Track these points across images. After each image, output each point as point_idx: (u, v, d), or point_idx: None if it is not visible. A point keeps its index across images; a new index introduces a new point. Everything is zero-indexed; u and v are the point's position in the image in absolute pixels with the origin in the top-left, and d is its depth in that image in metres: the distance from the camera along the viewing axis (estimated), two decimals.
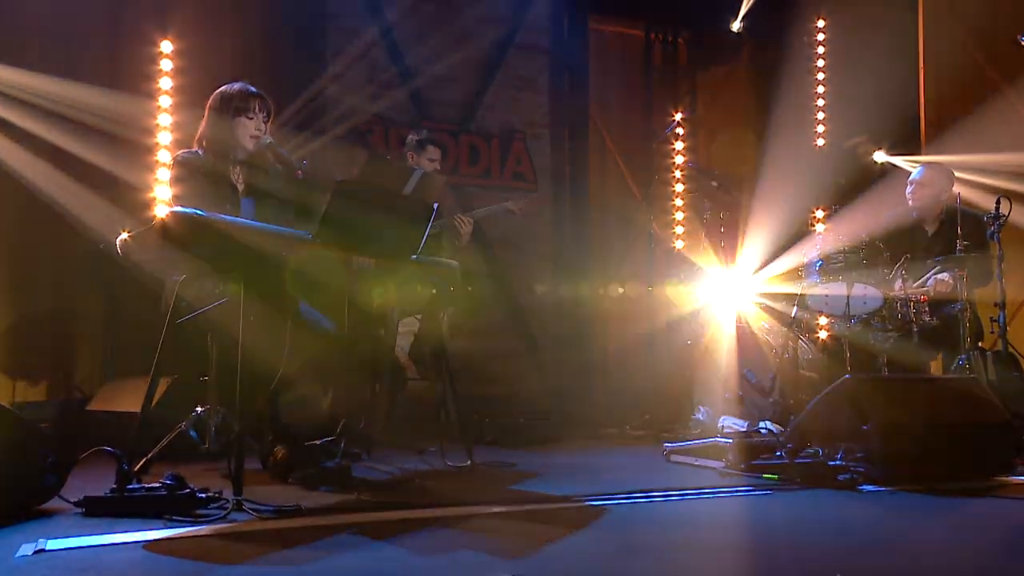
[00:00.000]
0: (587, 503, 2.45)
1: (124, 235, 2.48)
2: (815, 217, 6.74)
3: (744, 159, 7.01)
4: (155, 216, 3.03)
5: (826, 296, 3.86)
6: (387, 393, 4.08)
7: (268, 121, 3.20)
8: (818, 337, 4.18)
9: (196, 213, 2.38)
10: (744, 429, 3.92)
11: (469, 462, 3.24)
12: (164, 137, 4.90)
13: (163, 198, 4.85)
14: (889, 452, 2.65)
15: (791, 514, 2.38)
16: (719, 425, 4.11)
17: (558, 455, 3.71)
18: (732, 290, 4.72)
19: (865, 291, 3.66)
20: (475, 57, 6.18)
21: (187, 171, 3.07)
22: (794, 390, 3.77)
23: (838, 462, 2.63)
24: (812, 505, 2.47)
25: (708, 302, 4.68)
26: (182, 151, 3.16)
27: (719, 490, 2.60)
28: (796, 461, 2.55)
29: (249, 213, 3.16)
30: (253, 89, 3.18)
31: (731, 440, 2.83)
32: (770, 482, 2.61)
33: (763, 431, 3.85)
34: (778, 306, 4.53)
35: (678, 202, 6.68)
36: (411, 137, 4.58)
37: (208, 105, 3.18)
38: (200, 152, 3.16)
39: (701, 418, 4.11)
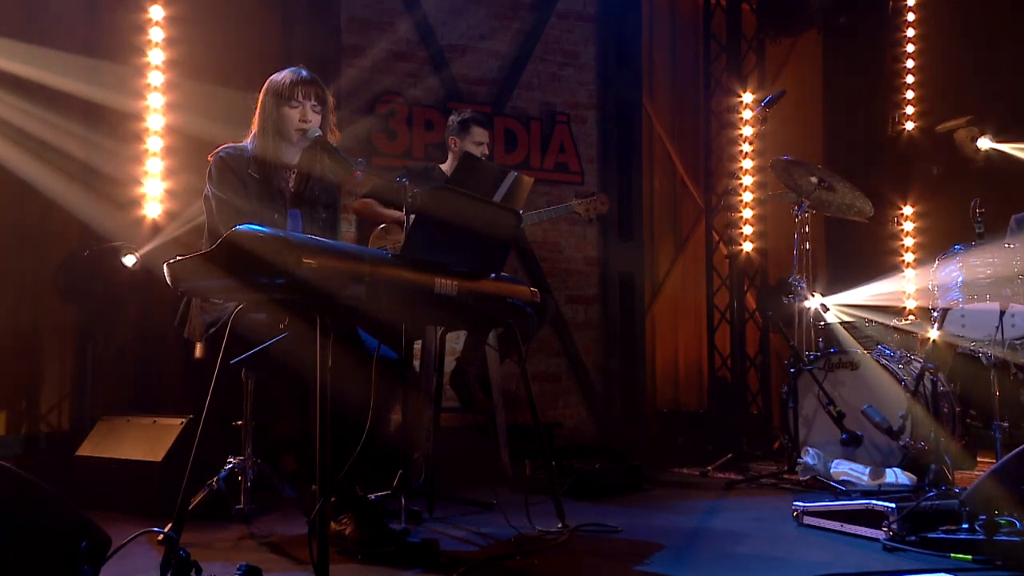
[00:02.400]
0: None
1: (177, 258, 2.28)
2: (902, 214, 6.63)
3: (811, 144, 6.89)
4: (204, 235, 2.85)
5: (962, 315, 3.71)
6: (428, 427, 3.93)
7: (322, 110, 3.00)
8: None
9: (273, 233, 2.19)
10: (865, 478, 3.77)
11: (562, 525, 3.06)
12: (155, 121, 4.70)
13: (154, 194, 4.66)
14: None
15: None
16: (831, 470, 3.95)
17: (655, 512, 3.54)
18: (836, 306, 4.56)
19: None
20: (511, 26, 6.02)
21: (219, 173, 2.88)
22: (928, 431, 3.61)
23: None
24: None
25: (811, 321, 4.52)
26: (224, 146, 2.96)
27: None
28: (998, 538, 2.38)
29: (296, 228, 3.00)
30: (304, 73, 3.00)
31: (893, 504, 2.66)
32: (962, 564, 2.43)
33: (890, 481, 3.70)
34: (899, 327, 4.39)
35: (746, 196, 6.52)
36: (452, 119, 4.42)
37: (259, 96, 3.00)
38: (249, 148, 2.96)
39: (810, 462, 3.95)
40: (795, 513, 3.11)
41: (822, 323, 4.62)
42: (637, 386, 6.26)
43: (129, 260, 4.25)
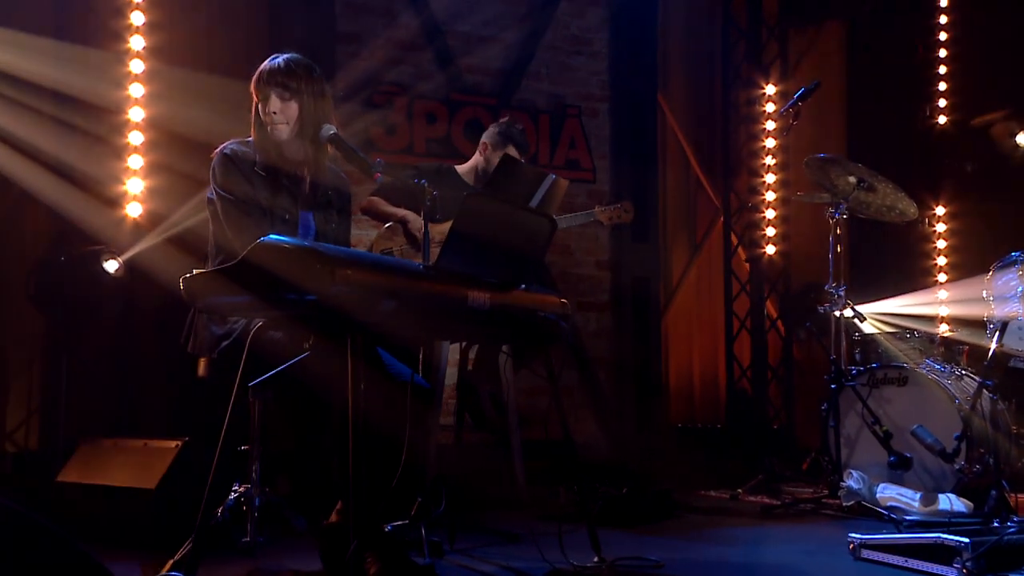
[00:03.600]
0: None
1: (194, 272, 2.21)
2: (933, 215, 6.63)
3: (832, 140, 6.87)
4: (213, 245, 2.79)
5: (1019, 328, 3.69)
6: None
7: (297, 99, 2.84)
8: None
9: (300, 244, 2.12)
10: (916, 504, 3.75)
11: (598, 559, 3.01)
12: (136, 113, 4.62)
13: (135, 192, 4.58)
14: None
15: None
16: (876, 495, 3.92)
17: (694, 543, 3.50)
18: (872, 315, 4.54)
19: None
20: (517, 11, 5.98)
21: (223, 172, 2.81)
22: (986, 454, 3.59)
23: None
24: None
25: (845, 331, 4.49)
26: (228, 142, 2.88)
27: None
28: None
29: (307, 229, 2.95)
30: (278, 60, 2.87)
31: (967, 539, 2.62)
32: None
33: (944, 508, 3.68)
34: (951, 338, 4.37)
35: (769, 195, 6.50)
36: (494, 126, 4.35)
37: None
38: (252, 143, 2.89)
39: (853, 486, 3.93)
40: (851, 546, 3.07)
41: (857, 334, 4.60)
42: (652, 400, 6.23)
43: (111, 265, 4.17)
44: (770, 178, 6.50)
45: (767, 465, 4.74)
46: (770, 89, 6.54)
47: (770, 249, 6.47)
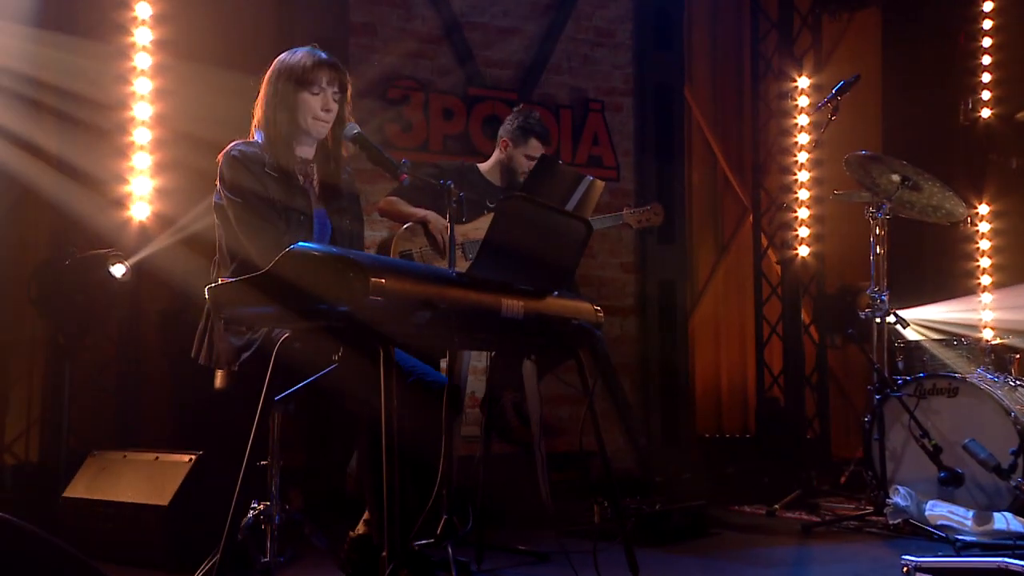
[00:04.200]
0: None
1: (219, 282, 2.18)
2: (976, 214, 6.58)
3: (866, 134, 6.82)
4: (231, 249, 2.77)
5: None
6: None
7: (344, 98, 2.92)
8: None
9: (331, 252, 2.10)
10: (969, 523, 3.70)
11: None
12: (142, 110, 4.60)
13: (141, 193, 4.56)
14: None
15: None
16: (925, 513, 3.88)
17: (734, 564, 3.47)
18: (918, 320, 4.50)
19: None
20: (538, 1, 5.96)
21: (233, 174, 2.79)
22: None
23: None
24: None
25: (895, 339, 4.45)
26: (234, 143, 2.87)
27: None
28: None
29: (323, 228, 2.93)
30: (322, 55, 2.91)
31: None
32: None
33: (1000, 527, 3.63)
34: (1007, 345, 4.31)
35: (802, 194, 6.45)
36: (510, 120, 4.32)
37: (265, 79, 2.91)
38: (259, 142, 2.88)
39: (901, 503, 3.88)
40: (904, 569, 3.02)
41: (900, 341, 4.56)
42: (680, 409, 6.19)
43: (118, 270, 4.15)
44: (803, 175, 6.45)
45: (805, 479, 4.70)
46: (803, 82, 6.49)
47: (803, 250, 6.42)
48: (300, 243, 2.14)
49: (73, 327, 4.35)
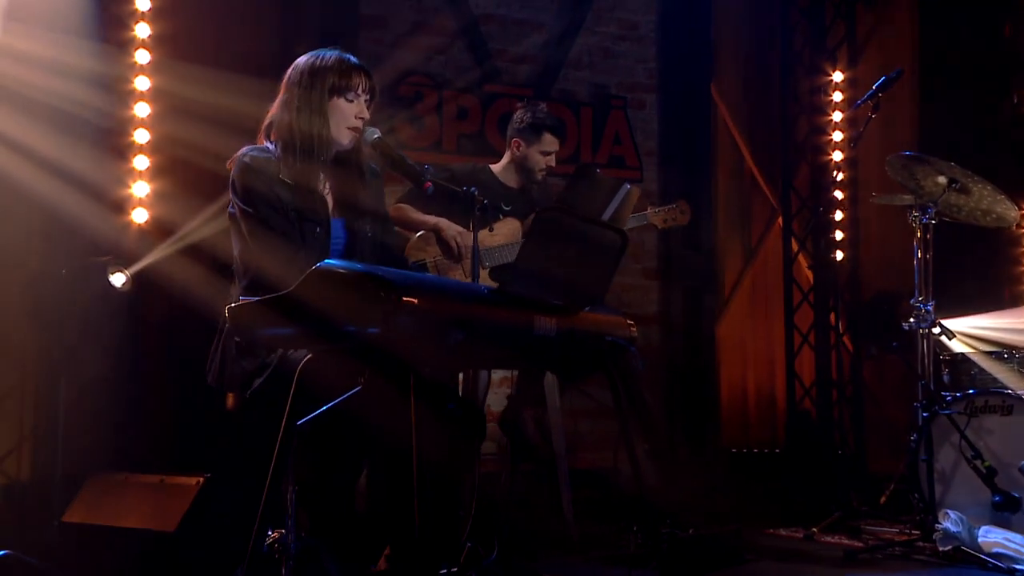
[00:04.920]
0: None
1: (240, 301, 2.15)
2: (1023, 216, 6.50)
3: (900, 130, 6.76)
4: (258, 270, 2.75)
5: None
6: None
7: (371, 105, 2.91)
8: None
9: (358, 269, 2.06)
10: None
11: None
12: (141, 109, 4.59)
13: (140, 196, 4.54)
14: None
15: None
16: (979, 540, 3.83)
17: None
18: (964, 331, 4.46)
19: None
20: None
21: (244, 184, 2.77)
22: None
23: None
24: None
25: (940, 351, 4.41)
26: (245, 149, 2.84)
27: None
28: None
29: (342, 239, 2.91)
30: (354, 59, 2.90)
31: None
32: None
33: None
34: None
35: (833, 195, 6.41)
36: (517, 119, 4.31)
37: (286, 81, 2.89)
38: (272, 148, 2.85)
39: (952, 529, 3.84)
40: None
41: (945, 353, 4.51)
42: (707, 423, 6.17)
43: (118, 279, 4.13)
44: (837, 175, 6.40)
45: (843, 500, 4.66)
46: (837, 76, 6.44)
47: (837, 255, 6.37)
48: (326, 261, 2.11)
49: (69, 339, 4.32)
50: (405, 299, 2.01)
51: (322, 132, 2.83)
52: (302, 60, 2.89)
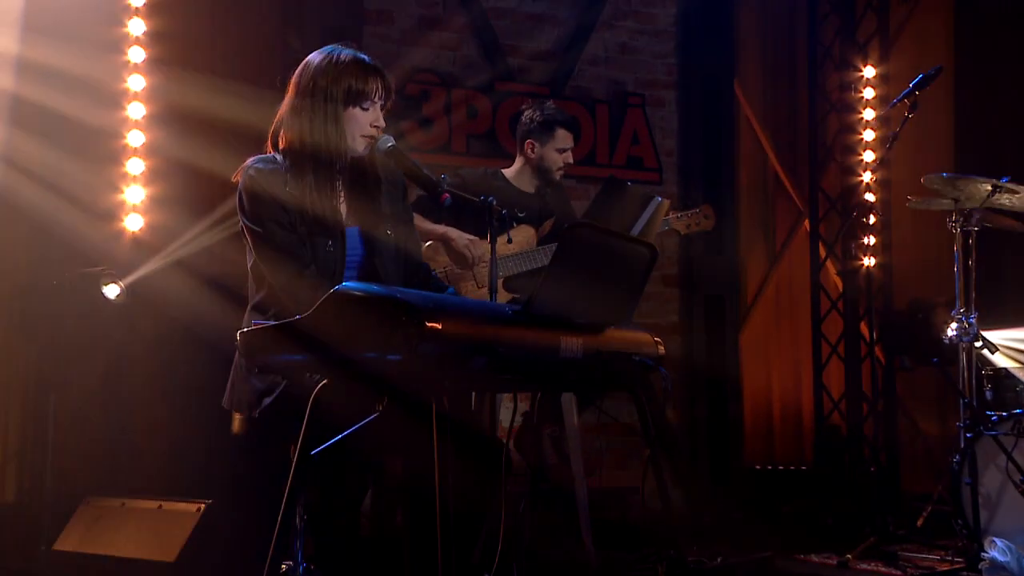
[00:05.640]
0: None
1: (253, 326, 2.12)
2: None
3: (934, 129, 6.73)
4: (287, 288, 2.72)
5: None
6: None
7: (387, 107, 2.89)
8: None
9: (380, 292, 2.03)
10: None
11: None
12: (136, 110, 4.58)
13: (135, 202, 4.52)
14: None
15: None
16: None
17: None
18: (1007, 344, 4.43)
19: None
20: None
21: (251, 199, 2.77)
22: None
23: None
24: None
25: (982, 366, 4.38)
26: (251, 160, 2.82)
27: None
28: None
29: (357, 251, 2.89)
30: (368, 59, 2.87)
31: None
32: None
33: None
34: None
35: (867, 196, 6.37)
36: (529, 114, 4.32)
37: (297, 82, 2.85)
38: (279, 159, 2.83)
39: (999, 558, 3.80)
40: None
41: (988, 368, 4.47)
42: (730, 439, 6.15)
43: (111, 290, 4.11)
44: (868, 176, 6.36)
45: (879, 523, 4.62)
46: (868, 71, 6.40)
47: (867, 260, 6.32)
48: (344, 284, 2.08)
49: (60, 354, 4.30)
50: (429, 324, 1.98)
51: (336, 143, 2.81)
52: (315, 60, 2.85)
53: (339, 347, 2.04)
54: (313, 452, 2.26)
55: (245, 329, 2.16)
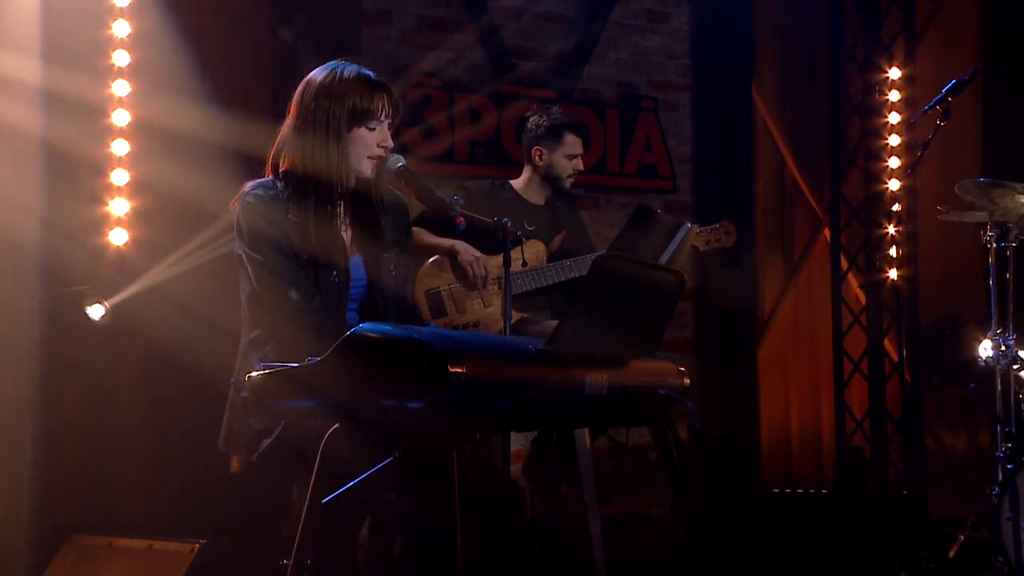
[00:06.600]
0: None
1: (262, 370, 2.09)
2: None
3: (960, 135, 6.72)
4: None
5: None
6: None
7: (395, 125, 2.88)
8: None
9: (398, 335, 2.00)
10: None
11: None
12: (119, 146, 4.50)
13: (119, 214, 4.49)
14: None
15: None
16: None
17: None
18: None
19: None
20: None
21: (250, 227, 2.76)
22: None
23: None
24: None
25: (1020, 387, 4.36)
26: (250, 185, 2.80)
27: None
28: None
29: (361, 280, 2.89)
30: (373, 75, 2.85)
31: None
32: None
33: None
34: None
35: (890, 206, 6.36)
36: (535, 120, 4.33)
37: (298, 102, 2.84)
38: (279, 185, 2.81)
39: None
40: None
41: (1022, 392, 4.46)
42: (748, 461, 6.14)
43: (95, 311, 4.08)
44: (894, 184, 6.34)
45: (911, 555, 4.61)
46: (893, 73, 6.39)
47: (892, 273, 6.31)
48: (362, 325, 2.06)
49: (40, 379, 4.26)
50: (452, 369, 1.95)
51: (340, 167, 2.79)
52: (316, 77, 2.83)
53: (355, 394, 2.01)
54: (325, 500, 2.23)
55: (254, 374, 2.13)
